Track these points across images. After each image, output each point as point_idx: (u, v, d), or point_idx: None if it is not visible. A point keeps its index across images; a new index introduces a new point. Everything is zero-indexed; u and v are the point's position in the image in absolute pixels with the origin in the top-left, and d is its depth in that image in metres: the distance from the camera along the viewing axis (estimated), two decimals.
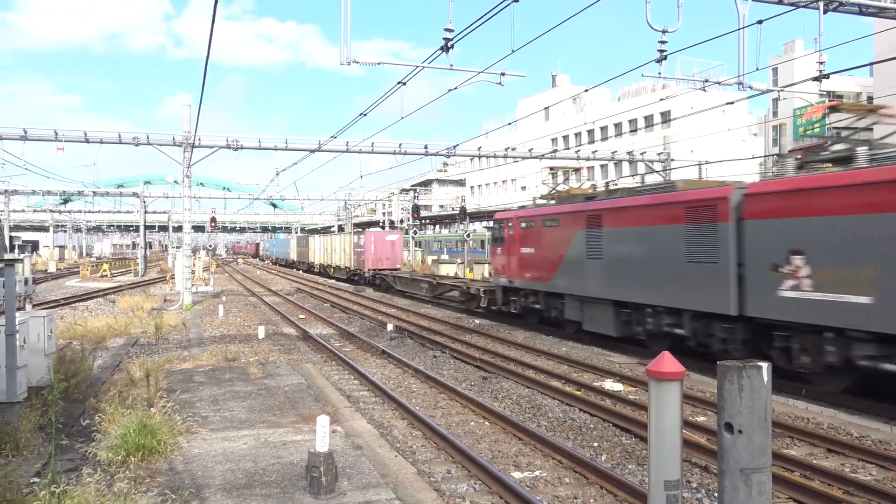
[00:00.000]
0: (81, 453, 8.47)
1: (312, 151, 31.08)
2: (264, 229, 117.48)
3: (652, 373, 3.90)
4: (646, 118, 61.85)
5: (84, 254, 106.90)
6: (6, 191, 54.56)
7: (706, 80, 21.49)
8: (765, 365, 3.41)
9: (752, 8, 16.04)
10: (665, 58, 15.75)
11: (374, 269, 43.08)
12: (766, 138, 66.33)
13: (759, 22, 14.85)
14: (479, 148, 36.35)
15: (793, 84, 22.28)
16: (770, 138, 65.21)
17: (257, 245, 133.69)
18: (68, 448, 8.80)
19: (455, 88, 17.31)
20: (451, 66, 15.82)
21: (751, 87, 19.56)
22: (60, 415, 9.49)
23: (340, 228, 74.74)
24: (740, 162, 56.69)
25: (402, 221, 63.33)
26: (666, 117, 56.71)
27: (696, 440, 9.49)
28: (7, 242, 60.38)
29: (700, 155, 43.80)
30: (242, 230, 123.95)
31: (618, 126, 64.80)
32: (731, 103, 24.82)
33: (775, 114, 68.30)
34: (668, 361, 3.85)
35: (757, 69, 16.94)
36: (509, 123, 31.62)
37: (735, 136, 55.06)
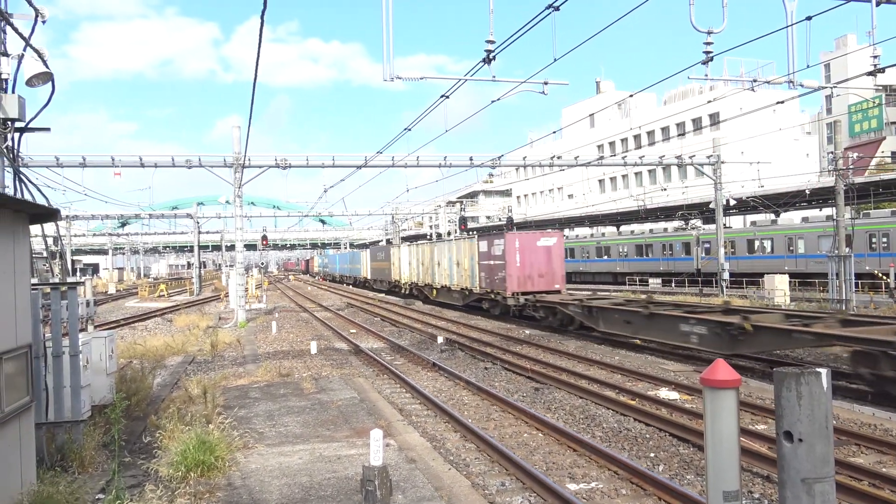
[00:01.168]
0: (143, 470, 8.69)
1: (359, 167, 31.47)
2: (314, 245, 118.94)
3: (706, 381, 3.82)
4: (693, 121, 60.82)
5: (142, 275, 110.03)
6: (68, 216, 56.62)
7: (755, 80, 21.03)
8: (824, 371, 3.31)
9: (800, 4, 15.67)
10: (711, 59, 15.47)
11: (522, 293, 28.12)
12: (820, 136, 64.51)
13: (809, 18, 14.48)
14: (525, 157, 36.27)
15: (846, 80, 21.64)
16: (824, 136, 63.40)
17: (307, 261, 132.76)
18: (130, 465, 9.04)
19: (498, 99, 17.33)
20: (494, 77, 15.87)
21: (802, 85, 19.05)
22: (122, 432, 9.76)
23: (389, 242, 74.74)
24: (795, 161, 55.29)
25: (448, 234, 63.51)
26: (714, 119, 55.69)
27: (756, 449, 9.23)
28: (69, 266, 62.60)
29: (751, 156, 42.88)
30: (293, 247, 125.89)
31: (665, 130, 63.87)
32: (782, 102, 24.22)
33: (829, 111, 66.40)
34: (722, 369, 3.76)
35: (808, 66, 16.53)
36: (554, 132, 31.54)
37: (787, 136, 53.69)
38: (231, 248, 44.24)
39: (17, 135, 8.68)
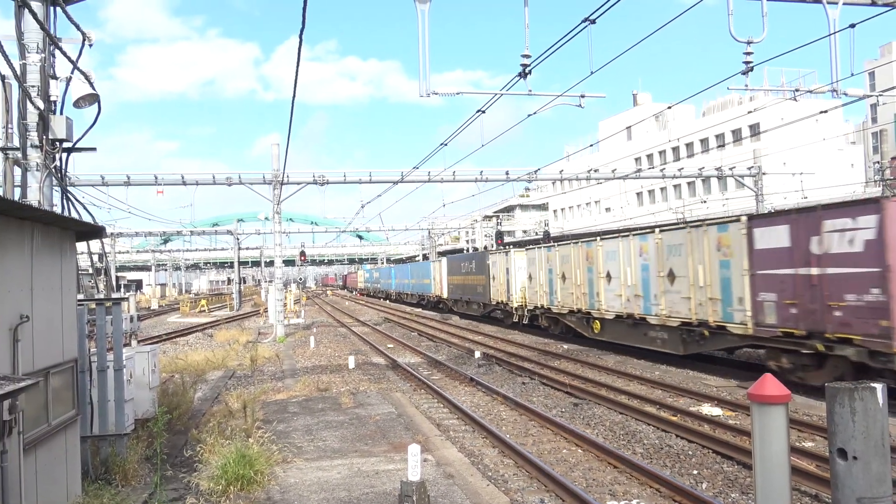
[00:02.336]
0: (185, 483, 8.78)
1: (395, 183, 31.66)
2: (351, 261, 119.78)
3: (754, 396, 3.71)
4: (733, 132, 59.93)
5: (183, 290, 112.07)
6: (113, 234, 58.00)
7: (797, 90, 20.62)
8: (879, 386, 3.19)
9: (843, 11, 15.35)
10: (751, 69, 15.21)
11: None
12: (865, 146, 63.04)
13: (852, 26, 14.18)
14: (561, 171, 36.14)
15: (892, 88, 21.11)
16: (870, 146, 61.94)
17: (346, 276, 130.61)
18: (172, 478, 9.14)
19: (535, 113, 17.28)
20: (530, 91, 15.80)
21: (846, 94, 18.63)
22: (164, 446, 9.90)
23: (425, 257, 74.67)
24: (839, 172, 54.06)
25: (485, 248, 63.40)
26: (755, 130, 54.83)
27: (804, 467, 8.95)
28: (114, 282, 64.02)
29: (794, 167, 42.05)
30: (330, 262, 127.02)
31: (704, 142, 63.06)
32: (825, 112, 23.72)
33: (874, 120, 64.88)
34: (770, 384, 3.65)
35: (852, 74, 16.12)
36: (591, 145, 31.32)
37: (831, 146, 52.56)
38: (270, 263, 44.82)
39: (64, 155, 8.92)
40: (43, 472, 6.55)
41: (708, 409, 13.05)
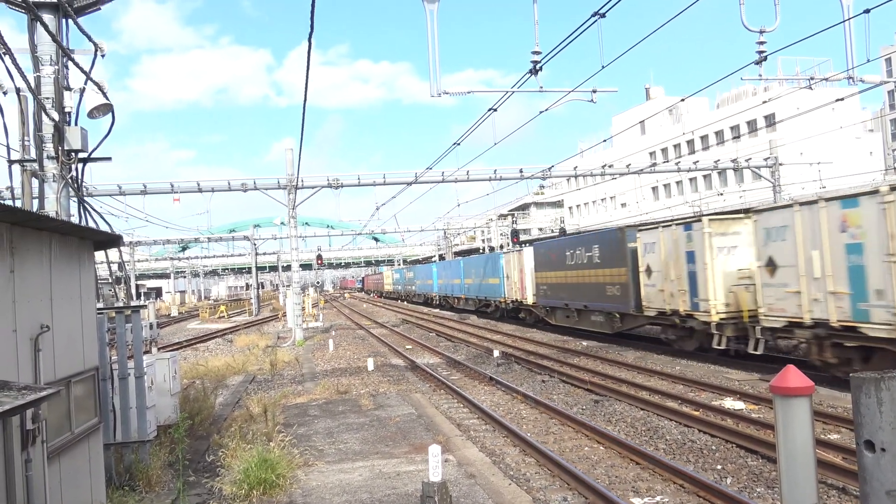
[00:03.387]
0: (207, 488, 8.83)
1: (409, 184, 31.69)
2: (368, 263, 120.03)
3: (776, 389, 3.65)
4: (748, 123, 59.39)
5: (202, 297, 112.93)
6: (131, 242, 58.54)
7: (812, 78, 20.41)
8: None
9: None
10: (765, 59, 15.08)
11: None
12: (883, 133, 62.21)
13: (867, 11, 13.98)
14: (575, 168, 35.97)
15: None
16: (889, 133, 61.14)
17: (365, 278, 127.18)
18: (195, 483, 9.19)
19: (546, 110, 17.23)
20: (541, 88, 15.77)
21: (862, 81, 18.40)
22: (187, 451, 9.96)
23: (441, 258, 74.49)
24: (858, 160, 53.42)
25: (501, 247, 63.27)
26: (770, 120, 54.31)
27: (830, 459, 8.84)
28: (133, 290, 64.61)
29: (811, 156, 41.61)
30: (347, 265, 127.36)
31: (719, 134, 62.55)
32: (842, 99, 23.45)
33: (892, 107, 64.03)
34: (793, 376, 3.59)
35: (868, 61, 15.92)
36: (604, 140, 31.20)
37: (848, 134, 51.94)
38: (287, 268, 45.01)
39: (80, 165, 9.00)
40: (67, 480, 6.60)
41: (730, 404, 12.93)
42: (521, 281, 33.02)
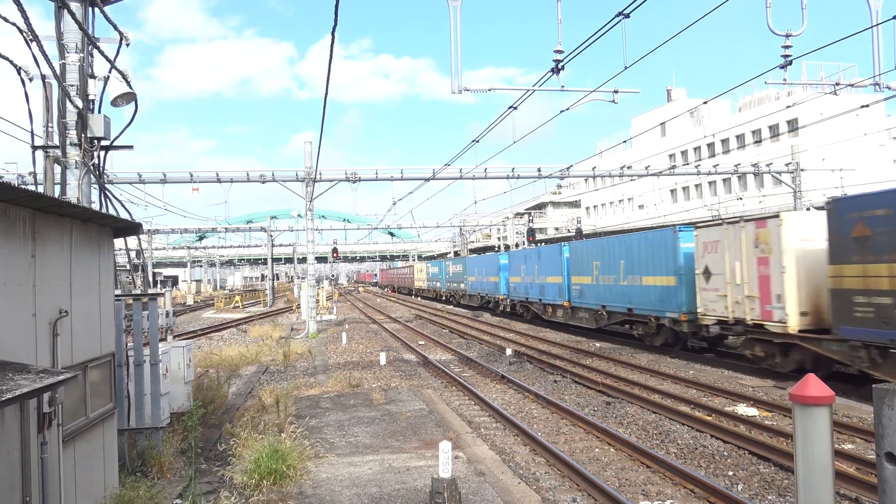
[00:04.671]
0: (218, 476, 8.88)
1: (427, 180, 31.66)
2: (383, 258, 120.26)
3: (796, 397, 3.61)
4: (770, 128, 58.81)
5: (218, 287, 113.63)
6: (149, 230, 59.03)
7: (837, 84, 20.15)
8: None
9: (886, 2, 14.96)
10: (790, 63, 14.90)
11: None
12: None
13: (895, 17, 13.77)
14: (594, 168, 35.79)
15: None
16: None
17: (383, 272, 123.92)
18: (206, 471, 9.25)
19: (567, 109, 17.14)
20: (563, 87, 15.70)
21: (889, 88, 18.14)
22: (199, 439, 10.03)
23: (456, 254, 74.28)
24: (881, 167, 52.75)
25: (517, 245, 63.12)
26: (793, 125, 53.75)
27: (843, 469, 8.74)
28: (150, 278, 65.17)
29: (833, 163, 41.11)
30: (362, 259, 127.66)
31: (740, 138, 61.98)
32: (867, 106, 23.13)
33: None
34: (813, 384, 3.55)
35: (895, 68, 15.70)
36: (624, 141, 31.06)
37: (872, 141, 51.29)
38: (303, 260, 45.20)
39: (102, 152, 9.06)
40: (81, 464, 6.67)
41: (744, 410, 12.83)
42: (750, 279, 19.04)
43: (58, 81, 8.19)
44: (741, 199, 51.84)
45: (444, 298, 57.27)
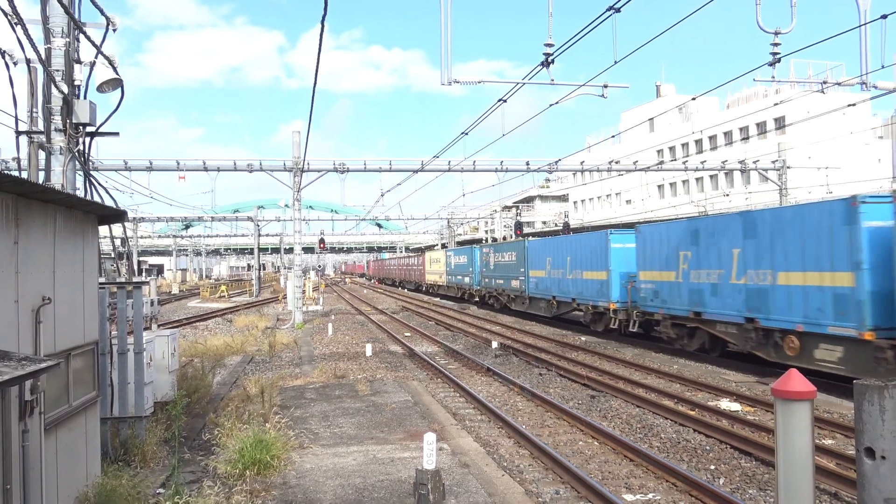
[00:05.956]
0: (202, 466, 8.86)
1: (415, 171, 31.62)
2: (370, 249, 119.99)
3: (778, 392, 3.64)
4: (758, 125, 59.12)
5: (204, 276, 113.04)
6: (135, 218, 58.59)
7: (825, 82, 20.28)
8: None
9: (874, 2, 15.06)
10: (779, 60, 14.99)
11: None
12: (893, 140, 61.88)
13: (884, 17, 13.86)
14: (582, 162, 35.88)
15: None
16: None
17: (371, 263, 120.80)
18: (190, 461, 9.22)
19: (556, 103, 17.14)
20: (552, 80, 15.69)
21: (875, 87, 18.30)
22: (183, 429, 9.99)
23: (444, 247, 74.16)
24: (866, 166, 53.20)
25: (504, 239, 63.15)
26: (780, 123, 54.07)
27: (824, 464, 8.84)
28: (135, 266, 64.68)
29: (819, 161, 41.43)
30: (350, 250, 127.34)
31: (727, 135, 62.28)
32: (854, 105, 23.31)
33: None
34: (795, 380, 3.58)
35: (882, 67, 15.82)
36: (612, 136, 31.14)
37: (858, 140, 51.70)
38: (289, 250, 45.00)
39: (88, 139, 8.97)
40: (63, 452, 6.62)
41: (727, 405, 12.94)
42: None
43: (43, 66, 8.10)
44: (728, 195, 52.14)
45: (469, 296, 44.98)
